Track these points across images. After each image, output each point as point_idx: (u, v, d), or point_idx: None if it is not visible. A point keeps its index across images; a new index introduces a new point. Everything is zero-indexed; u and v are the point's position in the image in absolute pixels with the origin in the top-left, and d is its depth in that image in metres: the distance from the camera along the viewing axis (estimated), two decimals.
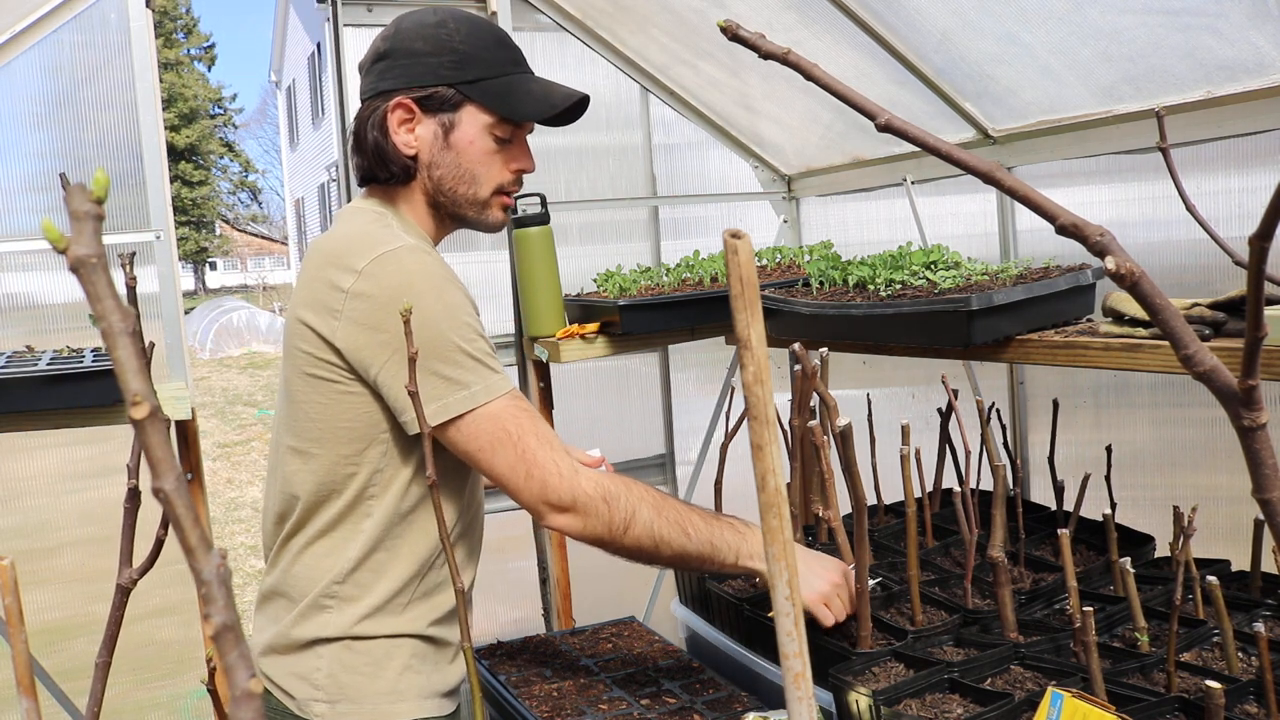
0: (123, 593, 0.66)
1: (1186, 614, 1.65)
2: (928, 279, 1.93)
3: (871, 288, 2.00)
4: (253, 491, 8.59)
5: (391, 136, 1.51)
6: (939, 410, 2.15)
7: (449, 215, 1.58)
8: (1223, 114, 1.90)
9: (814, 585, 1.55)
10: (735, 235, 0.48)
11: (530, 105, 1.52)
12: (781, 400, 2.74)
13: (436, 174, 1.53)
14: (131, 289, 1.07)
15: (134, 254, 1.10)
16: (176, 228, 2.49)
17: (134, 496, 0.67)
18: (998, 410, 2.10)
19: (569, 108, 1.55)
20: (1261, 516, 0.95)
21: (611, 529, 1.44)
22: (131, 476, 0.68)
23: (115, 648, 0.67)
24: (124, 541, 0.66)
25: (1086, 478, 1.93)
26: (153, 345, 1.14)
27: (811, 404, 1.95)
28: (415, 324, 1.38)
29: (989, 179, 0.52)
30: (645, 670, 1.95)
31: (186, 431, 2.31)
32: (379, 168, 1.53)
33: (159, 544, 0.71)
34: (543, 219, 2.51)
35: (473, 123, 1.51)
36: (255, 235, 42.76)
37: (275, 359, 16.39)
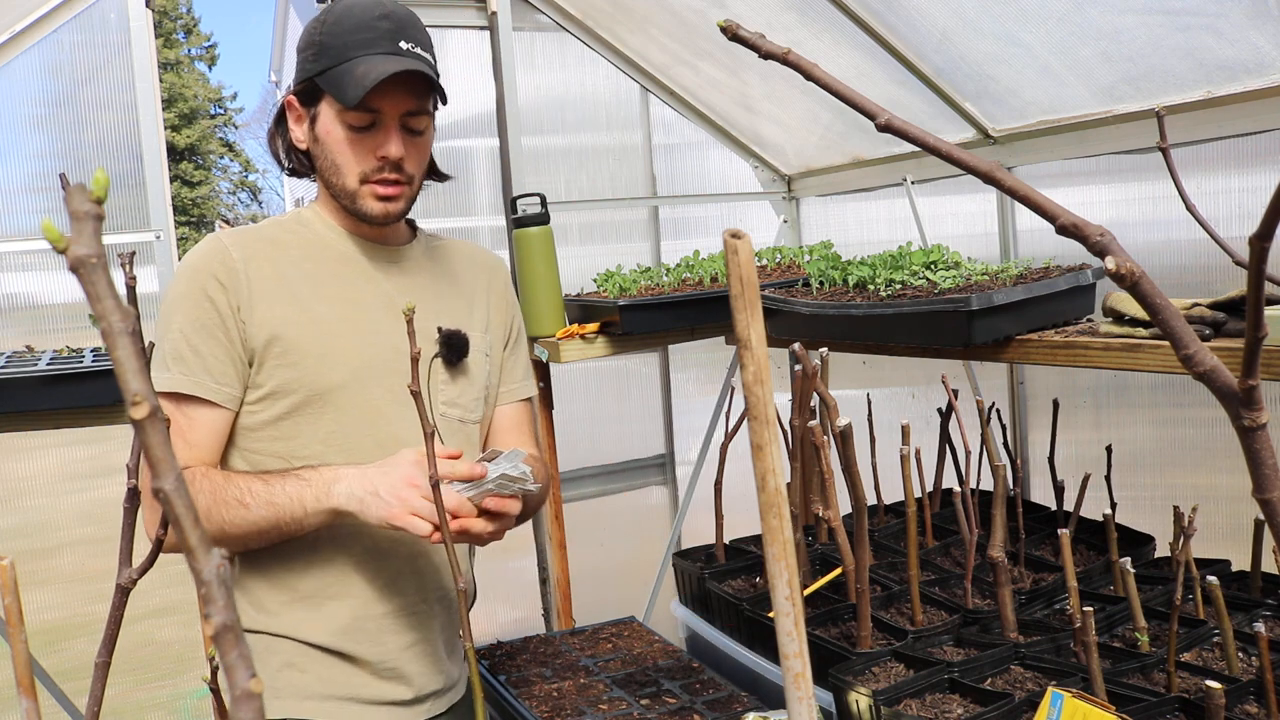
0: (123, 593, 0.66)
1: (1186, 614, 1.65)
2: (928, 279, 1.93)
3: (871, 288, 2.00)
4: None
5: (290, 133, 1.58)
6: (939, 410, 2.15)
7: (341, 207, 1.58)
8: (1223, 114, 1.90)
9: (385, 508, 1.35)
10: (735, 235, 0.48)
11: (351, 88, 1.45)
12: (781, 400, 2.75)
13: (318, 165, 1.56)
14: (131, 289, 1.07)
15: (134, 254, 1.10)
16: (176, 228, 2.49)
17: (134, 496, 0.67)
18: (998, 410, 2.10)
19: (409, 82, 1.48)
20: (1261, 516, 0.95)
21: None
22: (131, 476, 0.68)
23: (115, 648, 0.67)
24: (124, 541, 0.66)
25: (1086, 478, 1.92)
26: (152, 345, 1.14)
27: (811, 404, 1.95)
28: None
29: (989, 179, 0.52)
30: (645, 670, 1.95)
31: None
32: (280, 162, 1.62)
33: (158, 544, 0.71)
34: (543, 219, 2.51)
35: (328, 113, 1.51)
36: None
37: None
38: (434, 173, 1.68)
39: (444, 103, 1.56)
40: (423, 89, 1.50)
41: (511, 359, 1.75)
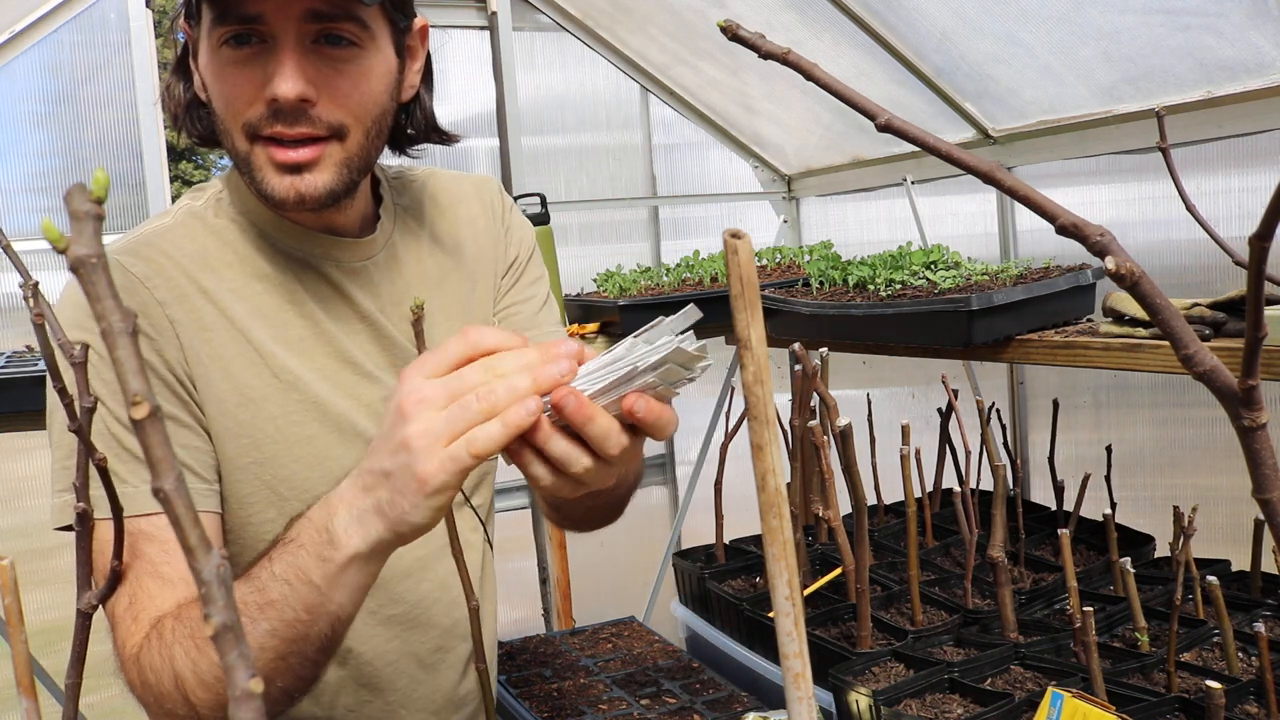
0: (84, 618, 0.64)
1: (1186, 614, 1.65)
2: (928, 279, 1.93)
3: (871, 288, 2.00)
4: None
5: (193, 76, 1.06)
6: (939, 410, 2.15)
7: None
8: (1223, 114, 1.90)
9: (412, 476, 0.76)
10: (735, 235, 0.48)
11: None
12: (781, 400, 2.75)
13: (215, 122, 1.04)
14: None
15: None
16: None
17: (83, 519, 0.64)
18: (998, 410, 2.10)
19: None
20: (1261, 516, 0.95)
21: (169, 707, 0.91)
22: (80, 497, 0.64)
23: (84, 668, 0.65)
24: (79, 566, 0.64)
25: (1086, 478, 1.92)
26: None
27: (811, 404, 1.95)
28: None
29: (989, 179, 0.52)
30: (645, 670, 1.95)
31: None
32: (180, 124, 1.11)
33: (114, 574, 0.69)
34: (543, 219, 2.51)
35: (205, 36, 0.98)
36: None
37: None
38: (433, 131, 1.15)
39: (406, 8, 1.04)
40: None
41: (521, 295, 1.24)
